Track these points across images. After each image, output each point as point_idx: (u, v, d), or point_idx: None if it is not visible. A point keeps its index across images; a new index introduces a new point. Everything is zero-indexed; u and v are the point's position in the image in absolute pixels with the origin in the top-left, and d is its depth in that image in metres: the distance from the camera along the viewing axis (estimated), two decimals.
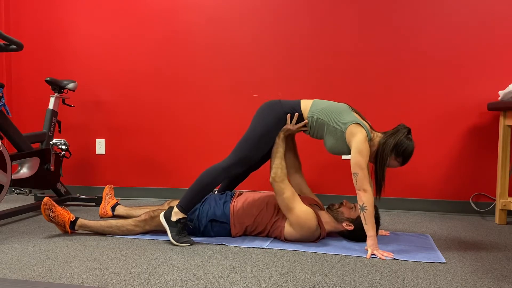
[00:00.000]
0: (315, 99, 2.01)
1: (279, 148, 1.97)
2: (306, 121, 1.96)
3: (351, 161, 1.83)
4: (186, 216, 1.93)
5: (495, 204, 2.49)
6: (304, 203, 1.95)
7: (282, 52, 2.88)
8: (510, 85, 2.24)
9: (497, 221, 2.39)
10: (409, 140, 1.85)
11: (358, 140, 1.82)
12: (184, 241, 1.91)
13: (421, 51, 2.66)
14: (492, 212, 2.60)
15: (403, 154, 1.85)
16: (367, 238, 1.80)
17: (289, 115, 1.97)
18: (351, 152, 1.84)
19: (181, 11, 3.06)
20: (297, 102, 2.00)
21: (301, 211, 1.88)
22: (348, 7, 2.76)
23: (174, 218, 1.91)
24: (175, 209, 1.93)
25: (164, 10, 3.09)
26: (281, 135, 1.98)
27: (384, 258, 1.72)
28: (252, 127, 1.97)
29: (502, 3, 2.54)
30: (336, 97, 2.79)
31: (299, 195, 2.03)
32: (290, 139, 2.15)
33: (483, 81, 2.59)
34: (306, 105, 1.98)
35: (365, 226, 1.81)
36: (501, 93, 2.32)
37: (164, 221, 1.94)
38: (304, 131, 2.02)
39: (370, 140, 1.87)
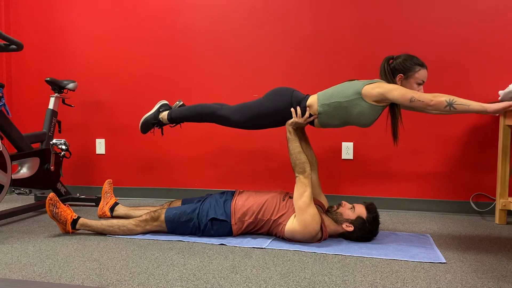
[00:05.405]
0: (318, 92, 2.04)
1: (296, 143, 1.98)
2: (308, 111, 1.98)
3: (396, 97, 1.80)
4: (167, 118, 2.26)
5: (495, 204, 2.49)
6: None
7: (282, 51, 2.88)
8: (510, 85, 2.24)
9: (497, 221, 2.39)
10: (400, 56, 1.96)
11: (381, 86, 1.86)
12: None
13: (421, 52, 2.66)
14: (492, 212, 2.60)
15: (414, 60, 1.94)
16: (487, 109, 1.67)
17: (292, 109, 1.99)
18: (389, 95, 1.82)
19: (181, 12, 3.06)
20: (306, 96, 2.03)
21: (312, 214, 1.87)
22: (348, 10, 2.76)
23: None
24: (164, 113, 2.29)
25: (164, 10, 3.09)
26: (291, 129, 2.00)
27: None
28: (261, 103, 2.05)
29: (503, 3, 2.54)
30: None
31: None
32: (301, 134, 2.14)
33: (483, 81, 2.59)
34: (312, 98, 2.00)
35: (469, 109, 1.69)
36: (501, 93, 2.32)
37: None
38: (311, 123, 2.03)
39: None
